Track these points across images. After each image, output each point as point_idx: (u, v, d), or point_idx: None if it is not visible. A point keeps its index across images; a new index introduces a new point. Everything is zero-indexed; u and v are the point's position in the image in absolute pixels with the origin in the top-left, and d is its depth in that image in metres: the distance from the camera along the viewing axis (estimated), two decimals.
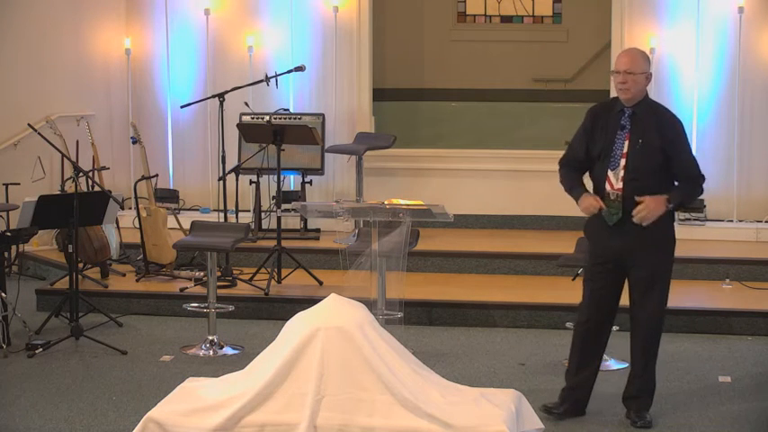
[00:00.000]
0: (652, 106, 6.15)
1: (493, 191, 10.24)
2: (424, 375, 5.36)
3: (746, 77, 9.77)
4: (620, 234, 6.09)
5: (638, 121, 6.06)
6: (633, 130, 6.06)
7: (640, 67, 6.05)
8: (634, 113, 6.08)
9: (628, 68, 6.03)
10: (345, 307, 5.35)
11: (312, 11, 10.29)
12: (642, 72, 6.05)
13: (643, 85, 6.08)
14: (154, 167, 9.69)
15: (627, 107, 6.09)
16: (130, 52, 10.46)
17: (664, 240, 6.19)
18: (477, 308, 8.30)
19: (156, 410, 5.26)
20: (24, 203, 7.71)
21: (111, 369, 7.22)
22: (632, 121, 6.08)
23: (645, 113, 6.07)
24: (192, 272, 9.01)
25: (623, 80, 6.03)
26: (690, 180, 6.12)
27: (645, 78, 6.08)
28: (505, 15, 11.69)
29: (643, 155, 6.02)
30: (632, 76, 6.02)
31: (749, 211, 9.85)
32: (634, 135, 6.05)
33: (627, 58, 6.08)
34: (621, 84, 6.04)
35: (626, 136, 6.06)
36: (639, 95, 6.08)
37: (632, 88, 6.03)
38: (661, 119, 6.08)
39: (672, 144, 6.03)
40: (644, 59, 6.11)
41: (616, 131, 6.08)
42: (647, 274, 6.14)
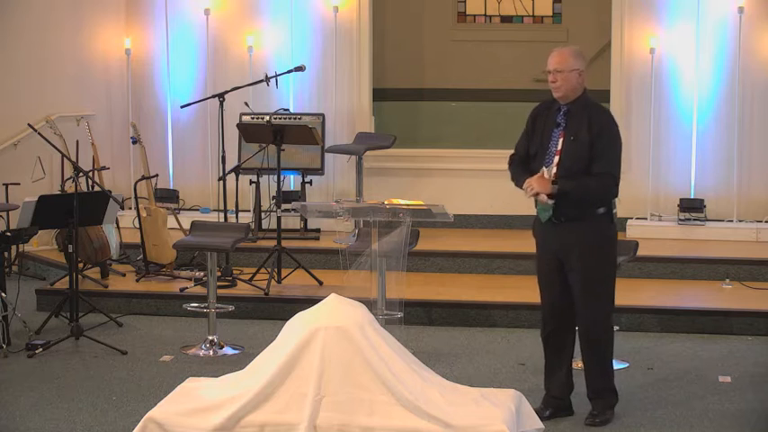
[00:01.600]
0: (587, 103, 6.13)
1: (493, 191, 10.23)
2: (424, 375, 5.36)
3: (746, 78, 9.77)
4: (556, 233, 6.11)
5: (572, 118, 6.08)
6: (567, 127, 6.08)
7: (570, 64, 6.07)
8: (569, 111, 6.10)
9: (556, 67, 6.08)
10: (345, 307, 5.36)
11: (312, 11, 10.29)
12: (572, 69, 6.07)
13: (575, 82, 6.08)
14: (154, 167, 9.69)
15: (563, 105, 6.12)
16: (130, 52, 10.46)
17: (600, 240, 6.10)
18: (477, 308, 8.30)
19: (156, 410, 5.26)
20: (24, 203, 7.71)
21: (111, 369, 7.22)
22: (567, 118, 6.10)
23: (579, 111, 6.08)
24: (192, 272, 9.01)
25: (553, 79, 6.08)
26: (597, 176, 6.03)
27: (577, 75, 6.08)
28: (505, 15, 11.68)
29: (574, 152, 6.03)
30: (562, 74, 6.06)
31: (749, 211, 9.85)
32: (568, 132, 6.07)
33: (556, 57, 6.12)
34: (552, 82, 6.09)
35: (560, 134, 6.09)
36: (573, 93, 6.09)
37: (563, 86, 6.07)
38: (592, 115, 6.07)
39: (597, 137, 6.01)
40: (574, 57, 6.11)
41: (552, 129, 6.12)
42: (584, 275, 6.09)
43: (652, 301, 8.30)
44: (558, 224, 6.09)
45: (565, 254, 6.10)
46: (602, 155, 6.01)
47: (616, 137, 6.09)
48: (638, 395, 6.69)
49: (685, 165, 9.92)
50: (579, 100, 6.10)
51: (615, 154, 6.08)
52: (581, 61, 6.13)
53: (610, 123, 6.10)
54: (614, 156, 6.07)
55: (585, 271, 6.07)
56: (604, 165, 6.02)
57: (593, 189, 6.02)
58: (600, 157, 6.01)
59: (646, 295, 8.47)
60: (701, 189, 9.89)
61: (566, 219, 6.06)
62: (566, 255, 6.10)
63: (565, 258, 6.11)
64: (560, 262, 6.14)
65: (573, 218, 6.06)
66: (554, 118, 6.13)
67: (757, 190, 9.87)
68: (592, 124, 6.02)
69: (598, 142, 6.00)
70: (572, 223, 6.05)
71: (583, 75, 6.12)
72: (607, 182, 6.03)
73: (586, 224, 6.04)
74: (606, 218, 6.11)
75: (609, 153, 6.04)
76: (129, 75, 10.47)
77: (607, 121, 6.10)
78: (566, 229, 6.07)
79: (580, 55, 6.16)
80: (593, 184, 6.01)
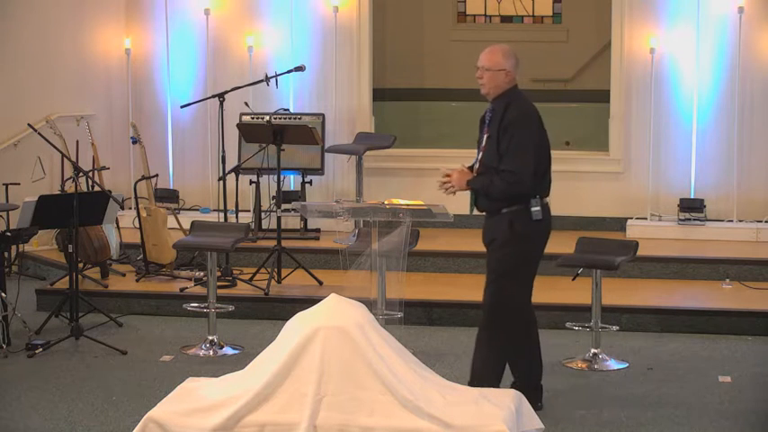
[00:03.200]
0: (509, 101, 6.17)
1: None
2: (424, 375, 5.36)
3: (746, 77, 9.77)
4: (485, 224, 6.31)
5: (495, 115, 6.17)
6: (489, 124, 6.19)
7: (497, 63, 6.14)
8: (493, 109, 6.20)
9: (483, 64, 6.17)
10: (345, 307, 5.35)
11: (312, 11, 10.29)
12: (499, 69, 6.14)
13: (500, 80, 6.15)
14: (154, 167, 9.69)
15: (491, 102, 6.22)
16: (130, 52, 10.46)
17: (509, 236, 6.15)
18: (477, 308, 8.19)
19: (156, 410, 5.26)
20: (24, 203, 7.71)
21: (111, 369, 7.22)
22: (492, 115, 6.20)
23: (500, 108, 6.15)
24: (192, 272, 9.01)
25: (479, 75, 6.19)
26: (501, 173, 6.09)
27: (504, 75, 6.15)
28: (505, 15, 11.68)
29: (489, 149, 6.15)
30: (488, 72, 6.14)
31: (749, 211, 9.85)
32: (489, 130, 6.18)
33: (486, 54, 6.20)
34: (478, 79, 6.19)
35: (485, 130, 6.22)
36: (497, 91, 6.17)
37: (487, 84, 6.16)
38: (506, 113, 6.12)
39: (502, 135, 6.08)
40: (503, 56, 6.17)
41: (483, 127, 6.26)
42: (492, 266, 6.24)
43: (652, 301, 8.30)
44: (486, 215, 6.29)
45: (486, 243, 6.29)
46: (506, 152, 6.09)
47: (522, 134, 6.11)
48: (638, 395, 6.70)
49: (685, 165, 9.92)
50: (502, 98, 6.17)
51: (520, 151, 6.09)
52: (511, 62, 6.19)
53: (518, 121, 6.11)
54: (518, 153, 6.08)
55: (495, 260, 6.22)
56: (506, 162, 6.09)
57: (495, 186, 6.13)
58: (504, 155, 6.10)
59: (646, 295, 8.47)
60: (700, 189, 9.90)
61: (483, 211, 6.25)
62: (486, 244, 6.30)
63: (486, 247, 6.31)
64: None
65: (490, 211, 6.24)
66: (484, 116, 6.28)
67: (757, 190, 9.87)
68: (502, 122, 6.11)
69: (503, 140, 6.09)
70: (493, 216, 6.21)
71: (510, 75, 6.18)
72: (507, 179, 6.08)
73: (500, 219, 6.16)
74: (522, 215, 6.13)
75: (512, 150, 6.08)
76: (130, 75, 10.47)
77: (516, 119, 6.11)
78: (489, 220, 6.25)
79: (512, 56, 6.22)
80: (496, 181, 6.12)
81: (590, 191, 10.12)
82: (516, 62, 6.23)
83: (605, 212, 10.09)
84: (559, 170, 10.05)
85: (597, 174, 10.14)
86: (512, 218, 6.15)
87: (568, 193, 10.13)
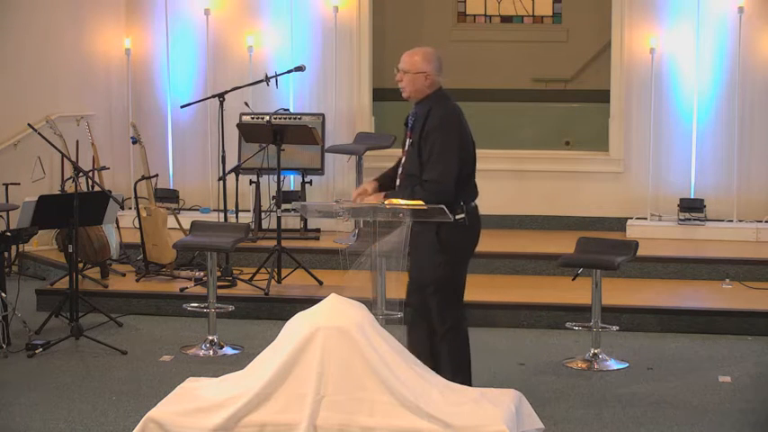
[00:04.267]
0: (431, 105, 6.06)
1: (493, 191, 10.20)
2: (424, 375, 5.35)
3: (746, 77, 9.77)
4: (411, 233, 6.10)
5: (417, 120, 6.08)
6: (412, 129, 6.10)
7: (417, 66, 6.04)
8: (416, 112, 6.11)
9: (402, 67, 6.09)
10: (345, 307, 5.35)
11: (312, 11, 10.29)
12: (418, 71, 6.03)
13: (421, 84, 6.05)
14: (154, 167, 9.69)
15: (414, 106, 6.13)
16: (130, 52, 10.46)
17: (436, 243, 6.05)
18: (477, 308, 8.28)
19: (156, 410, 5.26)
20: (24, 203, 7.71)
21: (111, 369, 7.22)
22: (414, 120, 6.11)
23: (422, 113, 6.05)
24: (192, 272, 9.01)
25: (399, 78, 6.10)
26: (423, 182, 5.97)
27: (423, 78, 6.04)
28: (505, 15, 11.68)
29: (411, 155, 6.04)
30: (408, 75, 6.05)
31: (749, 211, 9.85)
32: (411, 135, 6.09)
33: (406, 57, 6.10)
34: (398, 81, 6.11)
35: (408, 135, 6.13)
36: (418, 94, 6.07)
37: (407, 87, 6.07)
38: (427, 118, 6.02)
39: (423, 142, 5.98)
40: (424, 59, 6.07)
41: (406, 131, 6.17)
42: (417, 275, 6.12)
43: (652, 301, 8.30)
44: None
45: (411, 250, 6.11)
46: (428, 160, 5.98)
47: (444, 140, 5.98)
48: (638, 395, 6.70)
49: (685, 165, 9.93)
50: (424, 102, 6.07)
51: (442, 158, 5.98)
52: (432, 65, 6.07)
53: (438, 127, 5.99)
54: (440, 160, 5.97)
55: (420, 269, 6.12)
56: (429, 171, 5.97)
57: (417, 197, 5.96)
58: (426, 163, 5.98)
59: (646, 295, 8.48)
60: (700, 189, 9.90)
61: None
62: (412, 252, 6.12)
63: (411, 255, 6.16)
64: None
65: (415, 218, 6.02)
66: (408, 120, 6.17)
67: (757, 190, 9.87)
68: (424, 128, 6.01)
69: (424, 147, 5.98)
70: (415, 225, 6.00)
71: (430, 78, 6.07)
72: (430, 189, 5.96)
73: (423, 225, 5.99)
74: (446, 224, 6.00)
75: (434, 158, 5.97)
76: (130, 75, 10.47)
77: (436, 125, 5.99)
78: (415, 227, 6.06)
79: (433, 59, 6.09)
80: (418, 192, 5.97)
81: (590, 191, 10.12)
82: (439, 66, 6.10)
83: (605, 212, 10.09)
84: (559, 170, 10.22)
85: (597, 174, 10.14)
86: (440, 225, 6.00)
87: (568, 193, 10.15)
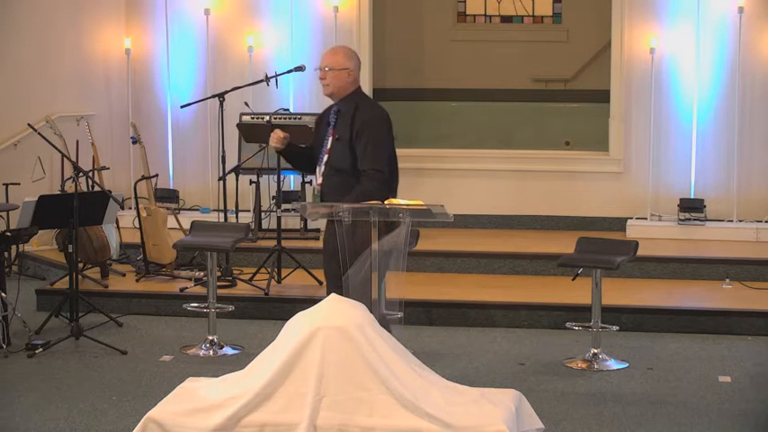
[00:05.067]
0: (357, 102, 6.15)
1: (493, 191, 10.24)
2: (424, 375, 5.35)
3: (746, 77, 9.77)
4: (332, 231, 6.12)
5: (341, 117, 6.13)
6: (336, 126, 6.15)
7: (341, 63, 6.13)
8: (339, 110, 6.16)
9: (326, 64, 6.15)
10: (345, 307, 5.35)
11: (312, 11, 10.30)
12: (342, 68, 6.12)
13: (344, 81, 6.14)
14: (154, 167, 9.69)
15: (335, 104, 6.18)
16: (130, 52, 10.46)
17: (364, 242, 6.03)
18: (477, 308, 8.30)
19: (156, 410, 5.26)
20: (24, 203, 7.71)
21: (111, 369, 7.22)
22: (337, 117, 6.16)
23: (347, 110, 6.12)
24: (192, 272, 9.01)
25: (323, 76, 6.16)
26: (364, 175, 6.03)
27: (346, 75, 6.14)
28: (505, 15, 11.69)
29: (337, 151, 6.10)
30: (331, 72, 6.11)
31: (749, 211, 9.86)
32: (336, 132, 6.14)
33: (329, 55, 6.18)
34: (321, 79, 6.16)
35: (330, 132, 6.16)
36: (342, 92, 6.15)
37: (331, 84, 6.15)
38: (356, 114, 6.09)
39: (357, 136, 6.03)
40: (346, 56, 6.16)
41: (326, 129, 6.21)
42: None
43: (652, 301, 8.31)
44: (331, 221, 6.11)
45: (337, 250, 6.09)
46: (364, 153, 6.05)
47: (379, 135, 6.08)
48: (638, 395, 6.70)
49: (685, 165, 9.93)
50: (349, 99, 6.15)
51: (380, 150, 6.07)
52: (353, 62, 6.18)
53: (372, 122, 6.10)
54: (379, 152, 6.06)
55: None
56: (369, 162, 6.04)
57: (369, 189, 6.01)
58: (362, 156, 6.05)
59: (646, 295, 8.48)
60: (700, 189, 9.90)
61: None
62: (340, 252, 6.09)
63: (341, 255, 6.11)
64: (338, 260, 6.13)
65: None
66: (328, 117, 6.22)
67: (757, 190, 9.87)
68: (354, 123, 6.07)
69: (358, 141, 6.05)
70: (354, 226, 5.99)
71: (353, 75, 6.17)
72: (376, 177, 6.05)
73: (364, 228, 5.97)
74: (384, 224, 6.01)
75: (372, 150, 6.05)
76: (129, 75, 10.48)
77: (369, 119, 6.10)
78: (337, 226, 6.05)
79: (354, 56, 6.21)
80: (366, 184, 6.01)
81: (590, 191, 10.12)
82: (359, 63, 6.21)
83: (605, 212, 10.10)
84: (559, 170, 10.22)
85: (597, 174, 10.14)
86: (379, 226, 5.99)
87: (568, 193, 10.16)
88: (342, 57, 6.17)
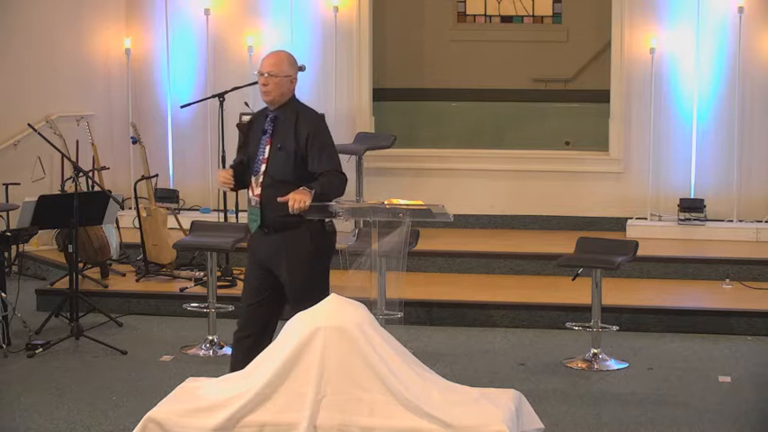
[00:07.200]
0: (295, 109, 6.03)
1: (493, 191, 10.24)
2: (424, 375, 5.35)
3: (746, 77, 9.77)
4: (266, 243, 5.99)
5: (280, 125, 5.98)
6: (274, 134, 5.98)
7: (284, 70, 5.99)
8: (276, 117, 6.00)
9: (270, 70, 5.97)
10: (345, 307, 5.35)
11: (312, 11, 10.29)
12: (286, 75, 5.98)
13: (286, 88, 6.00)
14: (154, 167, 9.69)
15: (271, 111, 6.03)
16: (130, 52, 10.46)
17: (312, 250, 5.99)
18: (477, 308, 8.30)
19: (156, 410, 5.25)
20: (24, 203, 7.72)
21: (111, 369, 7.22)
22: (274, 125, 6.00)
23: (287, 117, 5.99)
24: (192, 272, 9.01)
25: (265, 82, 5.97)
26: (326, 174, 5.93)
27: (289, 81, 6.01)
28: (505, 15, 11.68)
29: (281, 160, 5.93)
30: (274, 79, 5.96)
31: (749, 211, 9.85)
32: (275, 140, 5.97)
33: (271, 60, 6.02)
34: (263, 86, 5.98)
35: (267, 141, 5.99)
36: (282, 99, 6.00)
37: (273, 91, 5.97)
38: (299, 121, 5.97)
39: (307, 141, 5.92)
40: (289, 63, 6.04)
41: (260, 137, 6.03)
42: (294, 286, 5.99)
43: (652, 301, 8.31)
44: (266, 233, 5.98)
45: (276, 261, 5.99)
46: (320, 157, 5.93)
47: (329, 139, 6.02)
48: (638, 395, 6.70)
49: (685, 165, 9.92)
50: (288, 106, 6.02)
51: (334, 154, 6.00)
52: (294, 68, 6.07)
53: (320, 127, 6.01)
54: (333, 156, 5.99)
55: (295, 282, 5.97)
56: (326, 164, 5.94)
57: (336, 184, 5.95)
58: (318, 160, 5.92)
59: (646, 295, 8.48)
60: (700, 189, 9.89)
61: (273, 229, 5.95)
62: (275, 265, 6.00)
63: (274, 268, 6.00)
64: (268, 270, 6.03)
65: (279, 228, 5.94)
66: (262, 125, 6.05)
67: (757, 190, 9.87)
68: (299, 131, 5.94)
69: (311, 146, 5.92)
70: (278, 233, 5.94)
71: (294, 82, 6.06)
72: (340, 177, 5.97)
73: (299, 233, 5.93)
74: (319, 227, 6.00)
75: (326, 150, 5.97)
76: (129, 75, 10.47)
77: (317, 125, 6.00)
78: (273, 238, 5.97)
79: (295, 63, 6.10)
80: (333, 180, 5.94)
81: (590, 191, 10.12)
82: (297, 70, 6.10)
83: (605, 212, 10.09)
84: (559, 170, 10.22)
85: (597, 174, 10.13)
86: (312, 231, 5.96)
87: (568, 193, 10.15)
88: (286, 64, 6.02)
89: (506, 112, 11.48)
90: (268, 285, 6.05)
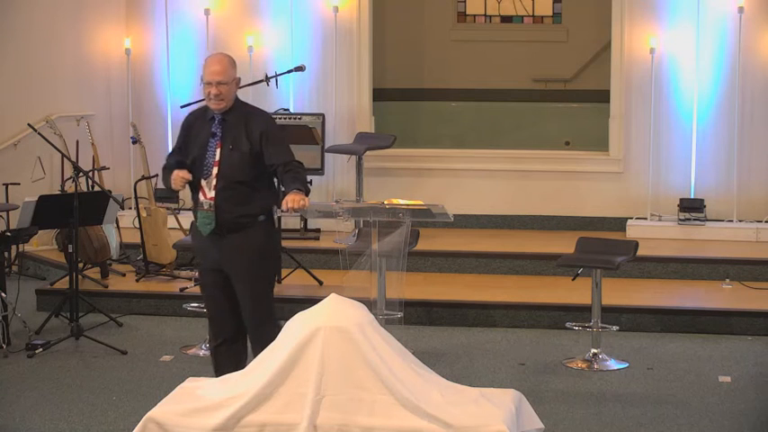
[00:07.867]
0: (242, 110, 6.01)
1: (493, 191, 10.24)
2: (424, 375, 5.36)
3: (746, 77, 9.77)
4: (219, 245, 5.97)
5: (230, 127, 5.95)
6: (224, 137, 5.95)
7: (231, 74, 5.96)
8: (224, 120, 5.97)
9: (220, 79, 5.91)
10: (345, 307, 5.35)
11: (312, 11, 10.29)
12: (233, 80, 5.97)
13: (234, 92, 5.98)
14: (154, 167, 9.68)
15: (217, 114, 5.98)
16: (130, 52, 10.46)
17: (262, 251, 5.99)
18: (477, 308, 8.30)
19: (156, 410, 5.26)
20: (24, 203, 7.72)
21: (111, 369, 7.22)
22: (223, 128, 5.97)
23: (235, 119, 5.96)
24: (192, 272, 8.99)
25: (218, 92, 5.91)
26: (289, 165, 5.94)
27: (235, 85, 6.00)
28: (505, 15, 11.68)
29: (234, 162, 5.91)
30: (225, 87, 5.93)
31: (749, 211, 9.85)
32: (225, 142, 5.94)
33: (216, 67, 5.94)
34: (216, 95, 5.92)
35: (217, 144, 5.95)
36: (231, 102, 5.98)
37: (226, 98, 5.94)
38: (249, 121, 5.96)
39: (261, 138, 5.92)
40: (232, 66, 6.01)
41: (208, 139, 5.98)
42: (248, 286, 5.99)
43: (652, 301, 8.31)
44: (219, 235, 5.96)
45: (228, 265, 5.99)
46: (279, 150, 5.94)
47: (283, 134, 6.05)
48: (638, 395, 6.70)
49: (685, 165, 9.93)
50: (235, 108, 6.00)
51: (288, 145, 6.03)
52: (236, 68, 6.05)
53: (273, 124, 6.05)
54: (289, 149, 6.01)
55: (251, 279, 5.98)
56: (285, 155, 5.95)
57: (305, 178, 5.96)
58: (277, 153, 5.93)
59: (646, 295, 8.48)
60: (700, 189, 9.90)
61: (227, 230, 5.94)
62: (229, 266, 5.99)
63: (228, 267, 6.00)
64: (223, 273, 6.03)
65: (233, 229, 5.93)
66: (209, 128, 6.00)
67: (757, 190, 9.87)
68: (251, 130, 5.93)
69: (267, 142, 5.92)
70: (233, 234, 5.93)
71: (239, 83, 6.05)
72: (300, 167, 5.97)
73: (248, 233, 5.93)
74: (268, 224, 6.01)
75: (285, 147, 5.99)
76: (129, 75, 10.47)
77: (269, 123, 6.03)
78: (227, 240, 5.95)
79: (234, 62, 6.07)
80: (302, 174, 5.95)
81: (590, 191, 10.12)
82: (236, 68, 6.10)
83: (605, 212, 10.09)
84: (559, 170, 10.22)
85: (597, 174, 10.14)
86: (266, 228, 5.99)
87: (568, 193, 10.15)
88: (231, 68, 5.98)
89: (506, 112, 11.48)
90: (228, 289, 6.05)
